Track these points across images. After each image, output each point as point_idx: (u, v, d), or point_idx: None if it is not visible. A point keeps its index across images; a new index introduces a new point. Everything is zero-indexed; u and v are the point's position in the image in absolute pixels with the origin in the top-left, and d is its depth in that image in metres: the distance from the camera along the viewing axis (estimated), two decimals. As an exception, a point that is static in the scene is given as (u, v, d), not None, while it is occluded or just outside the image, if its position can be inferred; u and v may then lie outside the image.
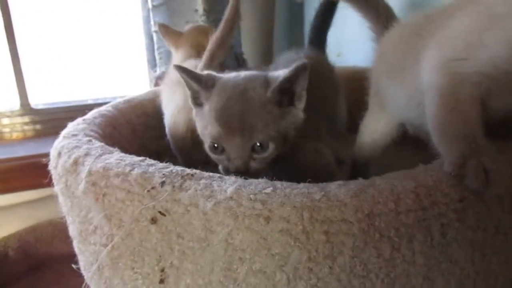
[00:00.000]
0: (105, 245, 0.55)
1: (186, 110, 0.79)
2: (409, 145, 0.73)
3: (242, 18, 1.49)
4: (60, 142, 0.69)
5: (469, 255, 0.48)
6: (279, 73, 0.60)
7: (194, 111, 0.65)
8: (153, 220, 0.50)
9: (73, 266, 0.64)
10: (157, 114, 0.97)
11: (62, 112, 1.64)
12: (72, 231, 0.65)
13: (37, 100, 1.57)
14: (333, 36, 1.11)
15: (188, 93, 0.64)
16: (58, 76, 1.65)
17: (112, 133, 0.83)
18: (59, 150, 0.66)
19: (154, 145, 0.98)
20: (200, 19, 1.12)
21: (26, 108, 1.57)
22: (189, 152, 0.86)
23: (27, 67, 1.49)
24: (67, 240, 1.37)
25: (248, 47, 1.59)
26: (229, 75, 0.63)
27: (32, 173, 1.36)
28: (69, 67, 1.65)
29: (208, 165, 0.86)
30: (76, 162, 0.60)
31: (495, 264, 0.51)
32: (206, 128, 0.60)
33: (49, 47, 1.59)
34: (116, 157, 0.59)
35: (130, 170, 0.54)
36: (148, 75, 1.53)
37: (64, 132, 0.73)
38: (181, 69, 0.61)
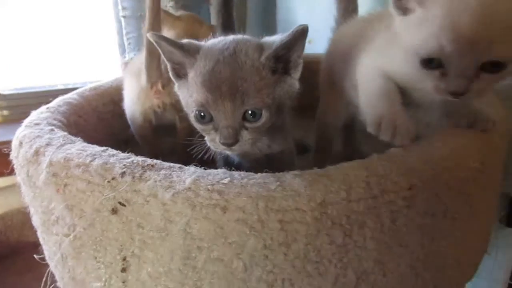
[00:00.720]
0: (67, 235, 0.55)
1: (141, 101, 0.81)
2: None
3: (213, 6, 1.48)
4: (22, 131, 0.68)
5: (418, 239, 0.50)
6: (275, 38, 0.56)
7: (176, 85, 0.60)
8: (114, 211, 0.50)
9: (35, 256, 0.64)
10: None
11: (30, 98, 1.60)
12: (35, 221, 0.64)
13: (5, 86, 1.53)
14: (303, 22, 1.12)
15: (168, 65, 0.59)
16: (27, 61, 1.61)
17: (77, 121, 0.83)
18: (21, 139, 0.65)
19: (122, 133, 0.97)
20: (168, 4, 1.11)
21: (-7, 93, 1.53)
22: (151, 142, 0.86)
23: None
24: (37, 228, 1.34)
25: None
26: (214, 40, 0.58)
27: (1, 161, 1.34)
28: (38, 52, 1.60)
29: (173, 155, 0.88)
30: (37, 152, 0.60)
31: (444, 246, 0.54)
32: (191, 97, 0.54)
33: (17, 32, 1.54)
34: (77, 147, 0.59)
35: (91, 161, 0.54)
36: (119, 60, 1.51)
37: (26, 121, 0.72)
38: (161, 37, 0.55)
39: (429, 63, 0.46)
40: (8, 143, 1.44)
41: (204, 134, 0.57)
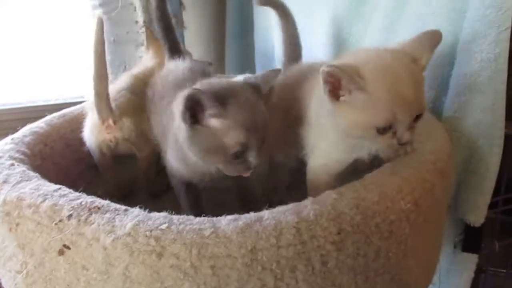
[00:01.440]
0: (20, 272, 0.58)
1: (94, 135, 0.86)
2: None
3: (192, 23, 1.50)
4: (-18, 166, 0.70)
5: (351, 279, 0.53)
6: (252, 76, 0.68)
7: (187, 131, 0.62)
8: (61, 252, 0.53)
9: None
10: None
11: (6, 114, 1.60)
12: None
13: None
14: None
15: (185, 116, 0.61)
16: (7, 77, 1.61)
17: (43, 150, 0.85)
18: (-20, 175, 0.67)
19: (91, 157, 0.98)
20: (140, 30, 1.13)
21: (-28, 109, 1.53)
22: (111, 171, 0.89)
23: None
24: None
25: (199, 51, 1.60)
26: (222, 85, 0.65)
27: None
28: (19, 69, 1.61)
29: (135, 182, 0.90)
30: (-7, 190, 0.62)
31: (380, 284, 0.56)
32: (222, 141, 0.60)
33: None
34: (32, 186, 0.61)
35: (41, 202, 0.56)
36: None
37: (-11, 154, 0.74)
38: (204, 93, 0.60)
39: (384, 130, 0.59)
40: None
41: (231, 168, 0.64)
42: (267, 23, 1.49)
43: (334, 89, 0.60)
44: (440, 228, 0.70)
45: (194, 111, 0.60)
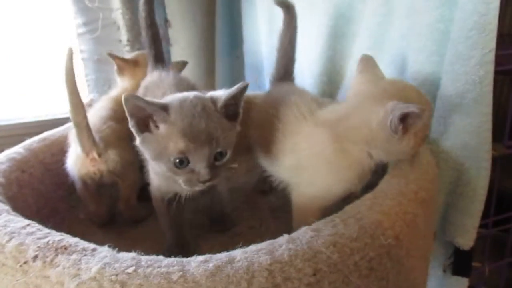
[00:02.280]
0: (-13, 315, 0.55)
1: (77, 167, 0.84)
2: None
3: (182, 37, 1.49)
4: (-48, 198, 0.67)
5: (330, 319, 0.50)
6: (221, 92, 0.68)
7: (139, 138, 0.66)
8: (25, 295, 0.50)
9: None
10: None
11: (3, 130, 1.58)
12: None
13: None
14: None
15: (131, 121, 0.64)
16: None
17: (20, 177, 0.82)
18: None
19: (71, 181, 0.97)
20: (124, 49, 1.12)
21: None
22: (93, 200, 0.87)
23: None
24: None
25: (189, 65, 1.58)
26: (175, 97, 0.67)
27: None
28: (6, 86, 1.59)
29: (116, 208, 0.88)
30: (-40, 227, 0.59)
31: (361, 320, 0.54)
32: (166, 148, 0.63)
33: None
34: (0, 222, 0.58)
35: (7, 241, 0.54)
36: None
37: (-39, 185, 0.72)
38: (134, 97, 0.62)
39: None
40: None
41: (176, 177, 0.65)
42: (256, 37, 1.48)
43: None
44: (425, 256, 0.68)
45: (142, 120, 0.64)
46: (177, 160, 0.62)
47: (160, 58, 0.95)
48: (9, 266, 0.52)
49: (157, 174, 0.72)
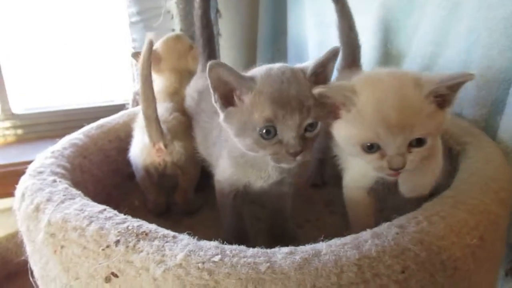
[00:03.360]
0: (64, 294, 0.56)
1: (143, 156, 0.84)
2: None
3: (224, 28, 1.49)
4: (25, 181, 0.69)
5: (414, 317, 0.49)
6: (309, 62, 0.64)
7: (222, 114, 0.63)
8: (107, 279, 0.51)
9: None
10: (131, 137, 0.97)
11: (43, 117, 1.64)
12: (35, 273, 0.66)
13: (18, 105, 1.56)
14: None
15: (214, 96, 0.61)
16: (41, 81, 1.64)
17: (82, 163, 0.84)
18: (23, 191, 0.66)
19: (127, 167, 0.98)
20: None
21: (7, 113, 1.56)
22: (152, 191, 0.88)
23: (8, 72, 1.47)
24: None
25: (231, 56, 1.59)
26: (260, 68, 0.65)
27: (13, 180, 1.37)
28: (51, 72, 1.64)
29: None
30: (37, 208, 0.61)
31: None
32: (251, 118, 0.59)
33: (32, 52, 1.58)
34: (76, 206, 0.59)
35: (87, 225, 0.55)
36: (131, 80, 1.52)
37: (31, 168, 0.73)
38: (220, 65, 0.58)
39: (370, 148, 0.59)
40: (21, 164, 1.47)
41: (263, 152, 0.61)
42: (300, 29, 1.46)
43: (335, 108, 0.62)
44: (500, 259, 0.66)
45: (225, 94, 0.61)
46: (264, 130, 0.59)
47: (213, 57, 0.94)
48: (91, 249, 0.52)
49: (235, 159, 0.69)
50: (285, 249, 0.48)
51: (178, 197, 0.88)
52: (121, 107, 1.41)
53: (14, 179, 1.49)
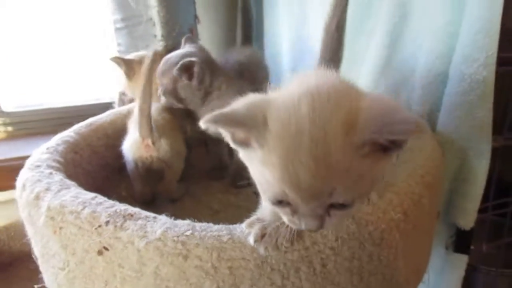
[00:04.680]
0: (63, 269, 0.67)
1: (133, 150, 0.94)
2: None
3: (205, 30, 1.58)
4: (25, 173, 0.79)
5: (348, 278, 0.61)
6: None
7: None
8: (100, 252, 0.62)
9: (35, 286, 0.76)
10: (118, 134, 1.08)
11: (33, 115, 1.71)
12: (36, 252, 0.76)
13: (8, 103, 1.62)
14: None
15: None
16: (30, 79, 1.71)
17: (74, 158, 0.94)
18: (24, 182, 0.76)
19: (115, 162, 1.08)
20: (158, 44, 1.22)
21: (-4, 110, 1.63)
22: (141, 182, 0.98)
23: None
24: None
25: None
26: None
27: (4, 176, 1.45)
28: (40, 71, 1.70)
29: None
30: (37, 197, 0.71)
31: (373, 282, 0.65)
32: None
33: (21, 51, 1.63)
34: (71, 194, 0.70)
35: (82, 209, 0.65)
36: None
37: (29, 162, 0.83)
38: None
39: (279, 202, 0.46)
40: (12, 160, 1.56)
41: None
42: (276, 29, 1.57)
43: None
44: (429, 232, 0.78)
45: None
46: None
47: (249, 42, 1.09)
48: (85, 229, 0.63)
49: None
50: (243, 226, 0.60)
51: (162, 187, 0.99)
52: (107, 105, 1.50)
53: (4, 174, 1.58)
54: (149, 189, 1.00)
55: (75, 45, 1.66)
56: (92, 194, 0.70)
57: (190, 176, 0.97)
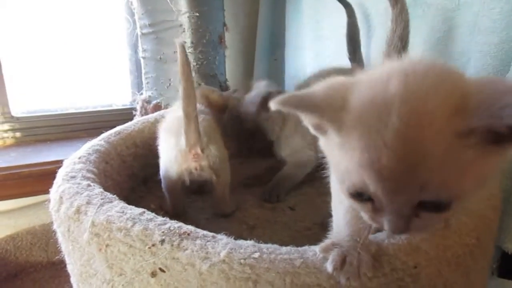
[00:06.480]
0: (106, 289, 0.62)
1: (178, 162, 0.83)
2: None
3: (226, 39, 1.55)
4: (60, 185, 0.74)
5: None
6: None
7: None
8: (153, 274, 0.57)
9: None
10: (145, 144, 1.03)
11: (42, 121, 1.66)
12: (71, 270, 0.71)
13: (18, 108, 1.57)
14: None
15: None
16: (41, 84, 1.66)
17: (105, 168, 0.89)
18: (60, 194, 0.71)
19: (141, 172, 1.04)
20: (188, 51, 1.18)
21: (6, 116, 1.58)
22: (178, 197, 0.92)
23: (8, 75, 1.49)
24: (46, 248, 1.41)
25: (228, 67, 1.65)
26: None
27: (12, 183, 1.40)
28: (51, 76, 1.66)
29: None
30: (78, 211, 0.66)
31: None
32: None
33: (32, 55, 1.60)
34: (117, 209, 0.65)
35: (132, 226, 0.60)
36: (130, 86, 1.57)
37: (62, 173, 0.78)
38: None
39: (359, 195, 0.39)
40: (20, 167, 1.50)
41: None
42: (299, 43, 1.55)
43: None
44: (489, 259, 0.75)
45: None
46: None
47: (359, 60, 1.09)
48: (137, 248, 0.58)
49: None
50: (314, 249, 0.55)
51: (217, 200, 0.90)
52: (119, 112, 1.45)
53: (13, 181, 1.52)
54: (181, 203, 0.94)
55: (86, 51, 1.63)
56: (139, 209, 0.65)
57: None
